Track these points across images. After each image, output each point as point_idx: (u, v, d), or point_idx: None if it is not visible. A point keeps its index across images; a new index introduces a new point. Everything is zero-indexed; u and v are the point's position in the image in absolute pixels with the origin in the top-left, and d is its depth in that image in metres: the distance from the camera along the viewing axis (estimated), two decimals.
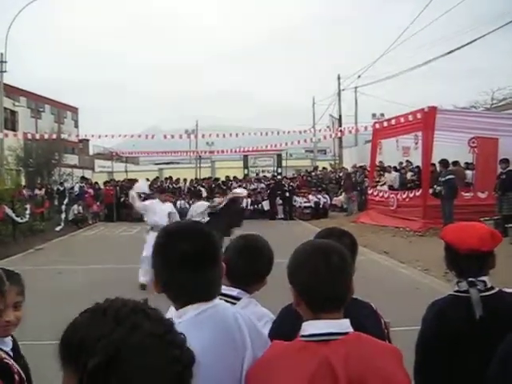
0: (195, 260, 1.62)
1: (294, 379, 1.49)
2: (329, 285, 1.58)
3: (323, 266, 1.59)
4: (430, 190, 15.91)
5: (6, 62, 25.61)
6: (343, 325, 1.58)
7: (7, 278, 1.94)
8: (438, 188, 14.82)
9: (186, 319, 1.61)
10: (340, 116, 36.68)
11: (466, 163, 17.98)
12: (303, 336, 1.57)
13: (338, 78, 37.46)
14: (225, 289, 2.19)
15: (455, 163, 16.95)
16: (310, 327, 1.58)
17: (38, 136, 26.95)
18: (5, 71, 25.82)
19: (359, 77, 35.03)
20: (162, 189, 11.86)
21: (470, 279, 2.22)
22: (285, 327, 1.68)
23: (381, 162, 21.59)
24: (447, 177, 14.69)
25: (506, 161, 14.09)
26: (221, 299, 2.11)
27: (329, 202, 24.91)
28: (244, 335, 1.64)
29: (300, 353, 1.53)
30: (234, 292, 2.21)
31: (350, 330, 1.57)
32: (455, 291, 2.30)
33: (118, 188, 25.76)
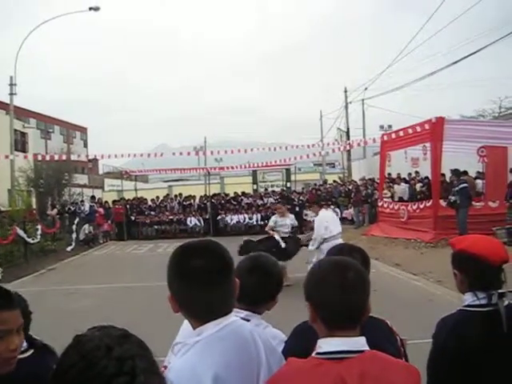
0: (209, 275, 1.63)
1: None
2: (344, 301, 1.57)
3: (339, 282, 1.58)
4: (441, 201, 15.82)
5: (15, 84, 25.94)
6: (358, 342, 1.56)
7: (9, 299, 1.73)
8: (453, 198, 14.70)
9: (206, 336, 1.61)
10: (348, 129, 36.71)
11: (478, 172, 17.84)
12: (318, 353, 1.56)
13: (345, 91, 37.57)
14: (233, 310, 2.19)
15: (464, 173, 16.88)
16: (325, 345, 1.56)
17: (47, 157, 27.16)
18: (15, 94, 26.13)
19: (366, 89, 35.16)
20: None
21: (500, 291, 2.16)
22: (298, 346, 1.67)
23: (389, 174, 21.53)
24: (461, 185, 14.62)
25: None
26: None
27: (339, 215, 24.84)
28: (259, 351, 1.65)
29: (314, 370, 1.52)
30: (242, 314, 2.18)
31: (366, 348, 1.56)
32: (466, 306, 2.23)
33: (128, 206, 25.86)
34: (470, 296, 2.24)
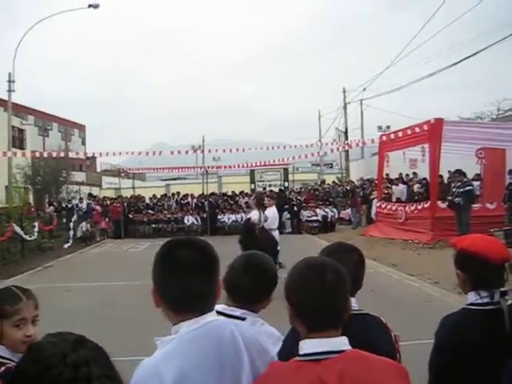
0: (194, 267, 1.66)
1: None
2: (323, 303, 1.56)
3: (317, 283, 1.57)
4: (439, 202, 15.82)
5: (13, 81, 25.88)
6: (339, 343, 1.55)
7: (22, 292, 2.18)
8: (457, 199, 14.67)
9: (178, 335, 1.62)
10: (346, 129, 36.73)
11: (477, 174, 17.72)
12: (299, 355, 1.56)
13: (344, 91, 37.60)
14: (227, 309, 2.17)
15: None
16: (305, 346, 1.56)
17: (45, 154, 27.13)
18: (13, 90, 26.07)
19: (365, 89, 35.17)
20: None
21: (503, 289, 2.18)
22: (295, 346, 1.66)
23: (387, 174, 21.53)
24: (466, 188, 14.64)
25: None
26: None
27: (336, 215, 24.88)
28: (240, 353, 1.61)
29: (294, 373, 1.51)
30: (237, 312, 2.17)
31: (347, 347, 1.55)
32: (469, 304, 2.25)
33: (125, 204, 25.83)
34: (472, 295, 2.25)
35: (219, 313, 2.19)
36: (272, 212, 11.46)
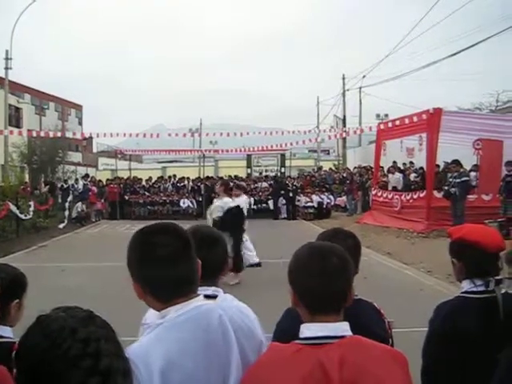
0: (174, 250, 1.63)
1: (286, 383, 1.48)
2: (327, 286, 1.56)
3: (322, 267, 1.57)
4: (435, 192, 15.84)
5: (11, 58, 25.68)
6: (340, 328, 1.56)
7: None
8: (453, 189, 14.71)
9: (166, 320, 1.60)
10: (344, 116, 36.64)
11: (475, 165, 17.65)
12: (299, 339, 1.57)
13: (343, 78, 37.47)
14: (200, 289, 2.17)
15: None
16: (306, 330, 1.57)
17: (42, 133, 27.00)
18: (10, 68, 25.88)
19: (364, 77, 35.08)
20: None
21: (497, 278, 2.21)
22: (293, 328, 1.66)
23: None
24: (463, 178, 14.68)
25: (510, 163, 14.05)
26: None
27: (332, 202, 24.92)
28: (228, 338, 1.62)
29: (294, 356, 1.51)
30: (209, 291, 2.16)
31: (348, 333, 1.56)
32: (463, 292, 2.28)
33: (121, 186, 25.80)
34: (467, 283, 2.27)
35: None
36: (242, 201, 11.60)
